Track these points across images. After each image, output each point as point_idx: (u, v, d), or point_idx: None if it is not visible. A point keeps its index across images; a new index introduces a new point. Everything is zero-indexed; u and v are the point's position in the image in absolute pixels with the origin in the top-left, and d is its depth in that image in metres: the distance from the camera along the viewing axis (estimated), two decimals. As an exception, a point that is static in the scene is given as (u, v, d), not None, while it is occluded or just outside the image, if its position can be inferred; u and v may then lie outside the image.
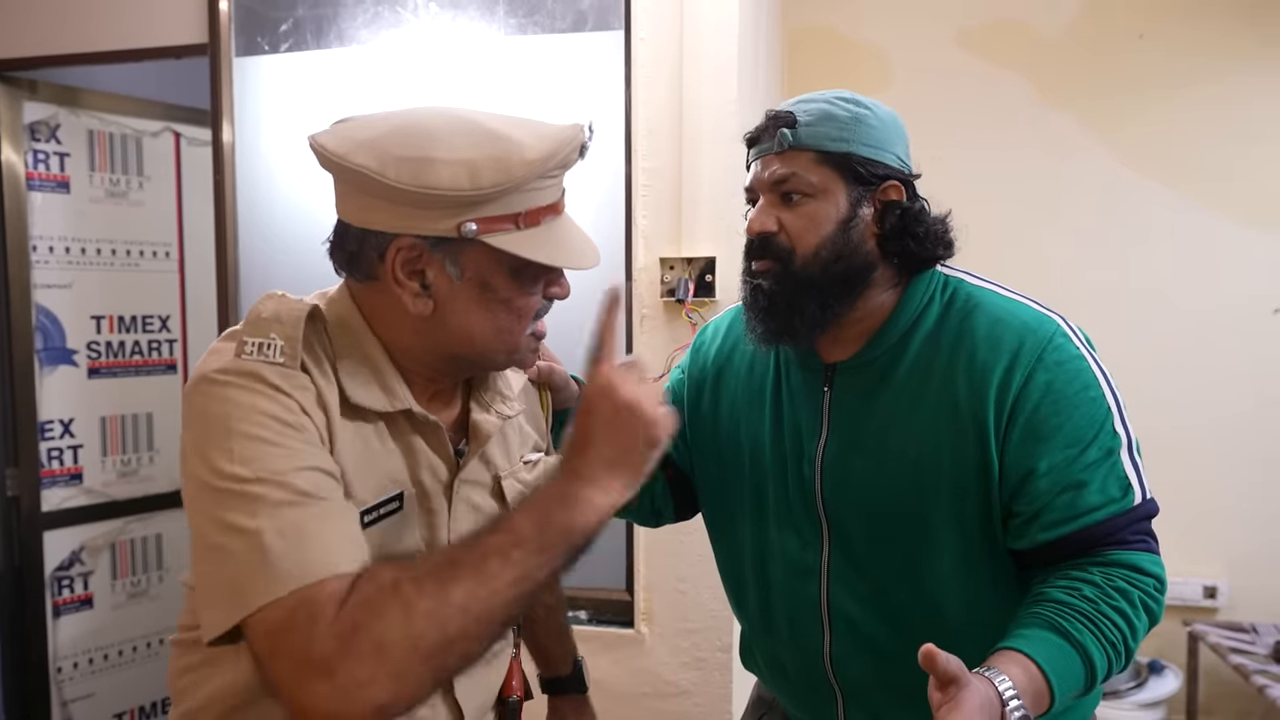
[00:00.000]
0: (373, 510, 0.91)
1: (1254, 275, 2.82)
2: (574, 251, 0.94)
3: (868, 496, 1.11)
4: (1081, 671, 0.95)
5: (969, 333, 1.07)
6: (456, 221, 0.86)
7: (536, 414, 1.18)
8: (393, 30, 2.31)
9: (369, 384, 0.92)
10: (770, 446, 1.19)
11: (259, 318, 0.88)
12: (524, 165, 0.86)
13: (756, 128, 1.15)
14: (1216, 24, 2.78)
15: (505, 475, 1.06)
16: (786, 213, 1.11)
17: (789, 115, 1.11)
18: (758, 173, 1.14)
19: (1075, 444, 1.01)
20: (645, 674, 2.18)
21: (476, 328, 0.92)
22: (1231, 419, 2.82)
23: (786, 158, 1.10)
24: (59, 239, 2.80)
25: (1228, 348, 2.83)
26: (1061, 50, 2.87)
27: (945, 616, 1.08)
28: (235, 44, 2.39)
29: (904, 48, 2.94)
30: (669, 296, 2.09)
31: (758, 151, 1.15)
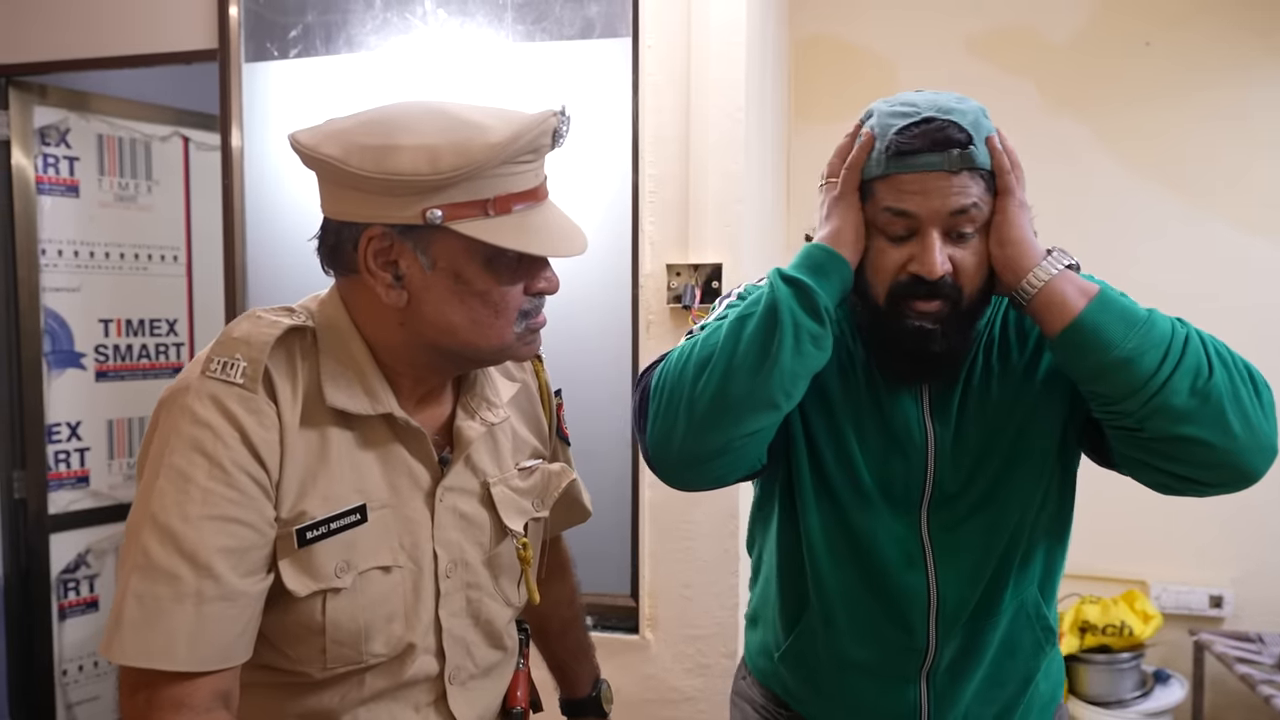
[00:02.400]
0: (320, 525, 0.89)
1: (1264, 283, 2.81)
2: (550, 240, 0.90)
3: (982, 463, 1.09)
4: (1139, 316, 0.95)
5: (1024, 321, 1.12)
6: (421, 208, 0.85)
7: (538, 420, 1.15)
8: (401, 36, 2.32)
9: (352, 387, 0.92)
10: (874, 437, 1.12)
11: (229, 337, 0.90)
12: (485, 149, 0.84)
13: (908, 133, 0.97)
14: (1224, 32, 2.77)
15: (495, 482, 1.03)
16: (957, 249, 0.99)
17: (960, 128, 0.97)
18: (918, 199, 0.97)
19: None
20: (650, 680, 2.18)
21: (454, 319, 0.91)
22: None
23: (961, 182, 0.97)
24: (68, 242, 2.82)
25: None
26: (1069, 57, 2.87)
27: (1029, 577, 1.12)
28: (245, 49, 2.40)
29: (911, 55, 2.95)
30: (675, 303, 2.10)
31: (913, 166, 0.97)
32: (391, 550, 0.94)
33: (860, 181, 1.02)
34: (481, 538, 1.02)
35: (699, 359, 1.02)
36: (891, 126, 0.99)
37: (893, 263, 1.00)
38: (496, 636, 1.05)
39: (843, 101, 2.96)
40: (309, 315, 0.95)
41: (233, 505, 0.84)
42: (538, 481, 1.08)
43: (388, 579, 0.93)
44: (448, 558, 0.98)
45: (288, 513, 0.88)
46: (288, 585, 0.88)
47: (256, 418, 0.86)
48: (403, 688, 0.97)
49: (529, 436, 1.12)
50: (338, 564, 0.90)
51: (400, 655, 0.95)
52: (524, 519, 1.05)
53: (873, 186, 1.00)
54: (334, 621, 0.90)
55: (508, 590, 1.05)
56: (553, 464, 1.13)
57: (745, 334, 1.00)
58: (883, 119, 1.01)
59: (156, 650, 0.81)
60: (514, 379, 1.10)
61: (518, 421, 1.10)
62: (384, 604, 0.93)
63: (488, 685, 1.06)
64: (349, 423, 0.93)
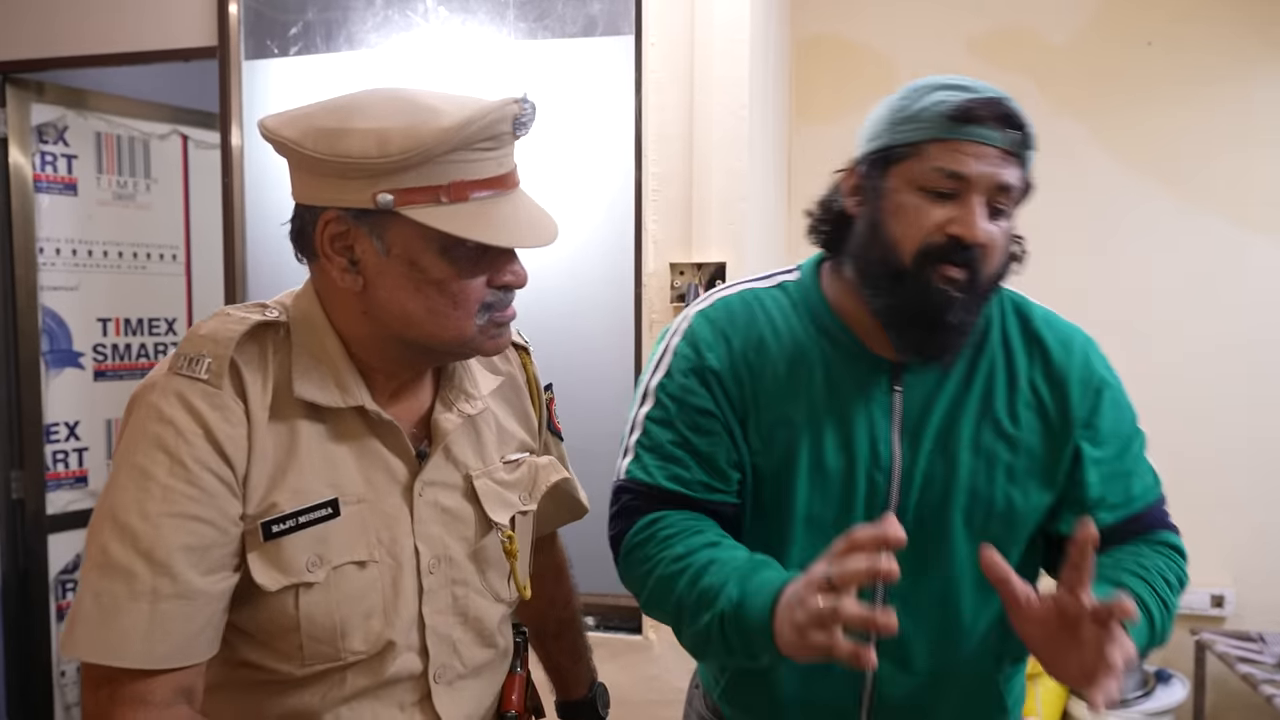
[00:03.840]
0: (288, 519, 0.88)
1: (1262, 283, 2.82)
2: (510, 230, 0.88)
3: (951, 499, 1.05)
4: (1146, 633, 0.98)
5: (1037, 336, 1.09)
6: (372, 191, 0.84)
7: (527, 413, 1.13)
8: (403, 34, 2.31)
9: (324, 380, 0.91)
10: (833, 454, 1.05)
11: (195, 335, 0.90)
12: (435, 133, 0.83)
13: (974, 101, 0.97)
14: (1225, 31, 2.77)
15: (478, 475, 1.02)
16: (991, 224, 0.98)
17: (1018, 115, 0.98)
18: (973, 163, 0.96)
19: (1123, 436, 1.09)
20: (653, 680, 2.17)
21: (410, 307, 0.89)
22: (1240, 428, 2.82)
23: (1011, 161, 0.98)
24: (66, 241, 2.80)
25: (1236, 357, 2.82)
26: (1069, 57, 2.87)
27: (988, 616, 1.08)
28: (245, 47, 2.39)
29: (911, 55, 2.94)
30: (679, 302, 2.09)
31: (974, 134, 0.97)
32: (367, 545, 0.93)
33: (903, 140, 1.00)
34: (466, 532, 1.00)
35: (652, 592, 1.04)
36: (953, 95, 0.98)
37: (931, 221, 0.97)
38: (487, 635, 1.03)
39: (843, 100, 2.96)
40: (284, 310, 0.95)
41: (193, 503, 0.84)
42: (524, 474, 1.07)
43: (364, 574, 0.92)
44: (430, 553, 0.97)
45: (256, 507, 0.88)
46: (256, 579, 0.87)
47: (221, 413, 0.86)
48: (385, 686, 0.95)
49: (516, 430, 1.10)
50: (309, 558, 0.89)
51: (381, 653, 0.94)
52: (510, 512, 1.04)
53: (925, 146, 0.98)
54: (309, 617, 0.89)
55: (497, 586, 1.04)
56: (541, 457, 1.11)
57: (687, 627, 1.00)
58: (934, 90, 0.99)
59: (111, 647, 0.82)
60: (499, 372, 1.09)
61: (504, 414, 1.08)
62: (361, 600, 0.92)
63: (478, 686, 1.04)
64: (321, 416, 0.92)
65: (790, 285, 1.13)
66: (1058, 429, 1.06)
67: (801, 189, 3.00)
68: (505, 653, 1.09)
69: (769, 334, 1.08)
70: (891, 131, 1.01)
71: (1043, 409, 1.06)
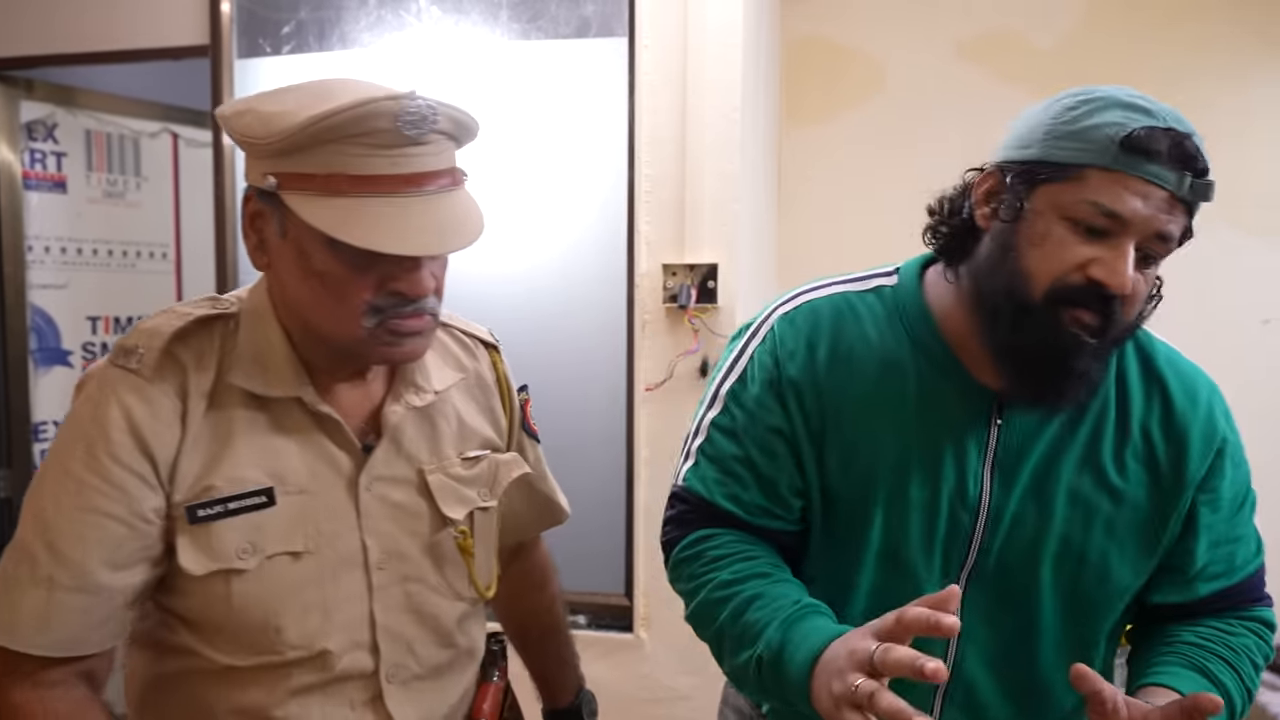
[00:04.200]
0: (216, 504, 0.89)
1: (1243, 284, 2.85)
2: (386, 234, 0.83)
3: (1041, 546, 0.95)
4: (1225, 716, 0.91)
5: (1159, 378, 0.99)
6: (262, 171, 0.85)
7: (494, 412, 1.10)
8: (396, 34, 2.31)
9: (261, 370, 0.92)
10: (916, 485, 0.96)
11: (138, 328, 0.92)
12: (300, 121, 0.81)
13: (1154, 131, 0.84)
14: (1213, 33, 2.81)
15: (431, 470, 1.00)
16: (1138, 272, 0.88)
17: (1201, 157, 0.85)
18: (1137, 204, 0.84)
19: (1236, 499, 0.99)
20: (644, 679, 2.18)
21: (299, 294, 0.89)
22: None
23: (1178, 209, 0.86)
24: (55, 239, 2.79)
25: (1217, 358, 2.85)
26: (1057, 60, 2.90)
27: (1061, 679, 0.95)
28: (237, 46, 2.39)
29: (900, 58, 2.96)
30: (671, 303, 2.10)
31: (1145, 171, 0.84)
32: (304, 537, 0.92)
33: (1061, 160, 0.87)
34: (418, 527, 0.99)
35: (695, 613, 1.00)
36: (1130, 119, 0.85)
37: (1074, 258, 0.86)
38: (444, 634, 1.01)
39: (833, 103, 2.98)
40: (239, 302, 0.96)
41: (104, 498, 0.86)
42: (484, 470, 1.05)
43: (298, 566, 0.92)
44: (379, 548, 0.96)
45: (187, 493, 0.88)
46: (181, 563, 0.88)
47: (148, 406, 0.87)
48: (333, 684, 0.94)
49: (481, 427, 1.08)
50: (241, 546, 0.89)
51: (323, 649, 0.93)
52: (466, 508, 1.02)
53: (1085, 172, 0.85)
54: (241, 606, 0.89)
55: (455, 583, 1.02)
56: (503, 454, 1.09)
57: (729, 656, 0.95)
58: (1109, 108, 0.86)
59: (6, 626, 0.85)
60: (462, 369, 1.08)
61: (468, 411, 1.07)
62: (296, 593, 0.91)
63: (437, 687, 1.02)
64: (264, 406, 0.92)
65: (887, 291, 1.01)
66: (1169, 487, 0.96)
67: (791, 190, 3.02)
68: (469, 654, 1.07)
69: (859, 345, 0.98)
70: (1048, 145, 0.88)
71: (1154, 462, 0.96)
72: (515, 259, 2.27)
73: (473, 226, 0.89)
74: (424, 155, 0.86)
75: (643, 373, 2.16)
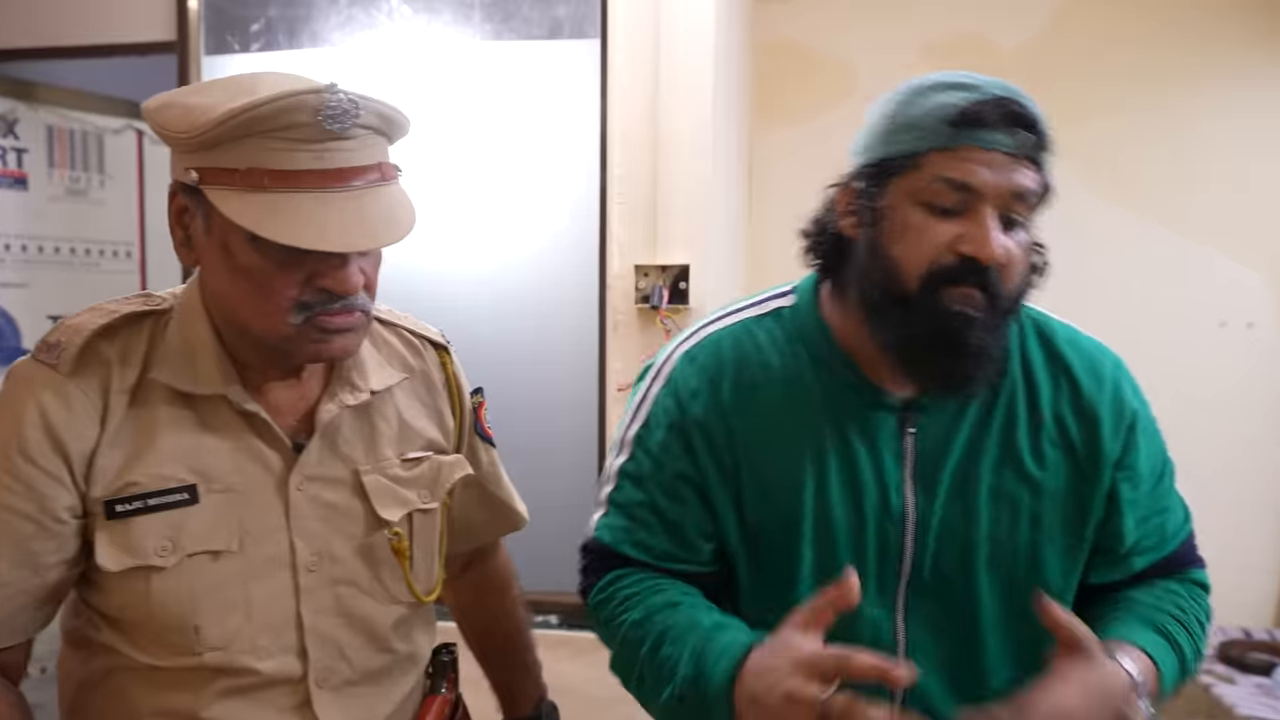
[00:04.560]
0: (135, 500, 0.88)
1: (1199, 289, 2.92)
2: (301, 229, 0.81)
3: (972, 552, 0.95)
4: (1177, 672, 0.93)
5: (1062, 361, 0.98)
6: (184, 165, 0.85)
7: (440, 413, 1.08)
8: (367, 33, 2.30)
9: (186, 367, 0.91)
10: (840, 506, 0.95)
11: (62, 323, 0.91)
12: (219, 114, 0.80)
13: (978, 102, 0.85)
14: (1168, 44, 2.88)
15: (367, 470, 0.98)
16: (1007, 238, 0.87)
17: (1029, 114, 0.86)
18: (982, 171, 0.85)
19: (1155, 471, 1.00)
20: (614, 679, 2.19)
21: (224, 290, 0.88)
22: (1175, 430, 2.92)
23: (1024, 166, 0.87)
24: (15, 237, 2.74)
25: (1175, 361, 2.92)
26: (1021, 63, 2.95)
27: (1010, 679, 0.96)
28: (205, 42, 2.36)
29: (869, 61, 3.00)
30: (643, 303, 2.11)
31: (980, 140, 0.85)
32: (228, 536, 0.90)
33: (901, 152, 0.89)
34: (352, 529, 0.97)
35: (616, 658, 1.00)
36: (953, 97, 0.86)
37: (939, 239, 0.86)
38: (379, 638, 0.99)
39: (802, 105, 3.01)
40: (173, 299, 0.95)
41: (13, 495, 0.86)
42: (425, 472, 1.03)
43: (218, 565, 0.90)
44: (309, 550, 0.94)
45: (106, 488, 0.88)
46: (98, 559, 0.87)
47: (63, 401, 0.87)
48: (259, 688, 0.92)
49: (425, 428, 1.05)
50: (160, 543, 0.88)
51: (245, 651, 0.91)
52: (404, 510, 1.00)
53: (925, 157, 0.87)
54: (160, 605, 0.88)
55: (391, 586, 0.99)
56: (447, 456, 1.06)
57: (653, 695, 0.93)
58: (932, 91, 0.88)
59: None
60: (407, 368, 1.06)
61: (412, 412, 1.04)
62: (216, 592, 0.90)
63: (372, 693, 0.99)
64: (190, 403, 0.91)
65: (785, 312, 1.01)
66: (1087, 470, 0.96)
67: (762, 192, 3.04)
68: (410, 659, 1.04)
69: (762, 373, 0.97)
70: (887, 142, 0.90)
71: (1070, 446, 0.96)
72: (487, 259, 2.27)
73: (401, 222, 0.87)
74: (349, 150, 0.85)
75: (614, 373, 2.17)
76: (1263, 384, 2.90)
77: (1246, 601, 2.91)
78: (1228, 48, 2.84)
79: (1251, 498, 2.92)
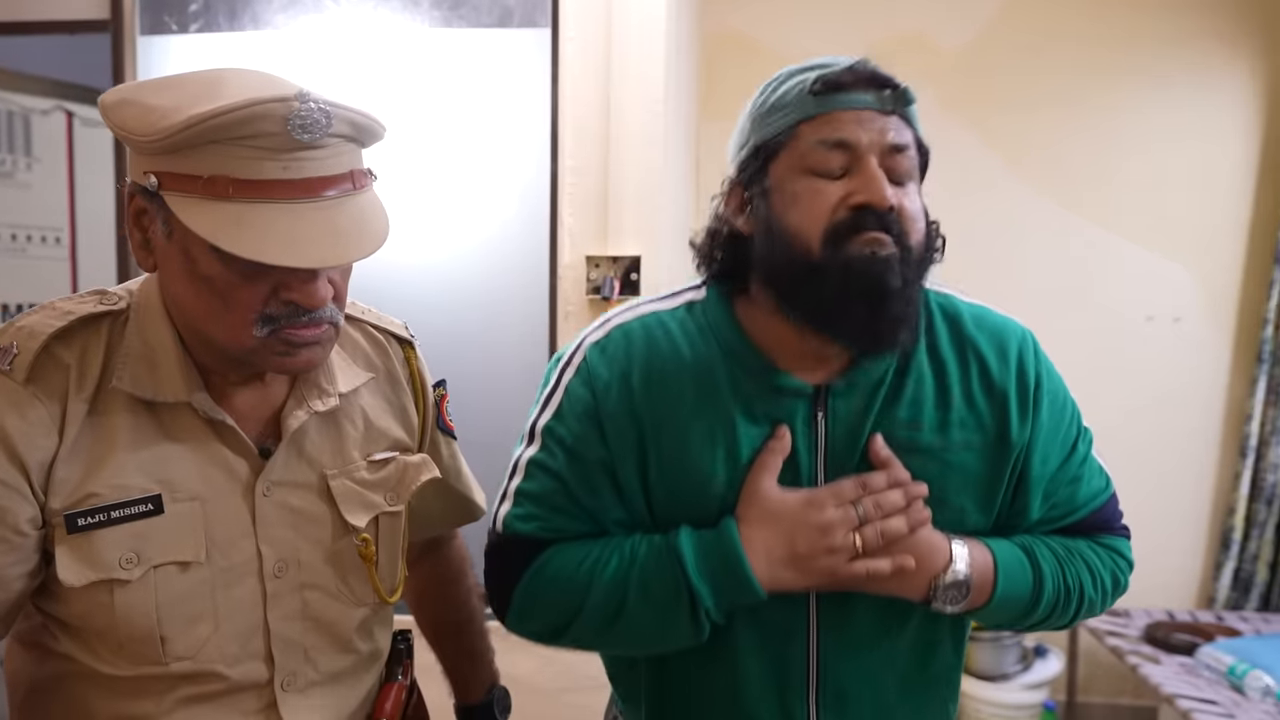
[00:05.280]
0: (97, 513, 0.84)
1: (1127, 284, 3.02)
2: (267, 243, 0.78)
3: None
4: (1028, 591, 0.95)
5: (970, 342, 0.98)
6: (143, 169, 0.80)
7: (405, 411, 1.06)
8: (312, 16, 2.25)
9: (149, 372, 0.87)
10: (742, 478, 0.95)
11: (13, 325, 0.86)
12: (182, 119, 0.76)
13: (836, 70, 0.89)
14: (1104, 47, 2.97)
15: (335, 475, 0.96)
16: (898, 192, 0.88)
17: (883, 74, 0.90)
18: (854, 128, 0.87)
19: (1068, 442, 1.00)
20: (563, 667, 2.19)
21: (186, 299, 0.85)
22: (1104, 422, 3.02)
23: (896, 121, 0.89)
24: (-65, 221, 2.62)
25: (1103, 353, 3.02)
26: (962, 63, 3.02)
27: (935, 656, 1.01)
28: (140, 22, 2.29)
29: (815, 55, 3.04)
30: (595, 294, 2.11)
31: (844, 103, 0.88)
32: (195, 545, 0.88)
33: (772, 135, 0.91)
34: (320, 534, 0.95)
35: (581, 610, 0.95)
36: (810, 74, 0.90)
37: (831, 199, 0.87)
38: (343, 640, 0.98)
39: (747, 98, 3.03)
40: (129, 296, 0.91)
41: None
42: (391, 474, 1.01)
43: (186, 576, 0.88)
44: (275, 556, 0.92)
45: (66, 500, 0.84)
46: (59, 574, 0.84)
47: (17, 410, 0.83)
48: (225, 694, 0.91)
49: (390, 427, 1.03)
50: (124, 555, 0.85)
51: (213, 659, 0.89)
52: (371, 513, 0.98)
53: (796, 130, 0.89)
54: (125, 617, 0.86)
55: (357, 589, 0.98)
56: (412, 456, 1.05)
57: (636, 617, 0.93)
58: (790, 76, 0.92)
59: None
60: (372, 367, 1.04)
61: (377, 411, 1.02)
62: (184, 603, 0.88)
63: (336, 693, 0.98)
64: (153, 410, 0.88)
65: (697, 306, 0.99)
66: (995, 449, 0.96)
67: (709, 186, 3.06)
68: (373, 656, 1.03)
69: (673, 364, 0.95)
70: (758, 129, 0.92)
71: (980, 426, 0.96)
72: (435, 250, 2.25)
73: (373, 235, 0.83)
74: (319, 159, 0.80)
75: (565, 364, 2.16)
76: (1189, 377, 3.02)
77: (1171, 584, 3.04)
78: (1155, 46, 2.94)
79: (1177, 487, 3.04)
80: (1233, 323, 3.00)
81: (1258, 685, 2.29)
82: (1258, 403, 2.91)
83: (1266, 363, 2.89)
